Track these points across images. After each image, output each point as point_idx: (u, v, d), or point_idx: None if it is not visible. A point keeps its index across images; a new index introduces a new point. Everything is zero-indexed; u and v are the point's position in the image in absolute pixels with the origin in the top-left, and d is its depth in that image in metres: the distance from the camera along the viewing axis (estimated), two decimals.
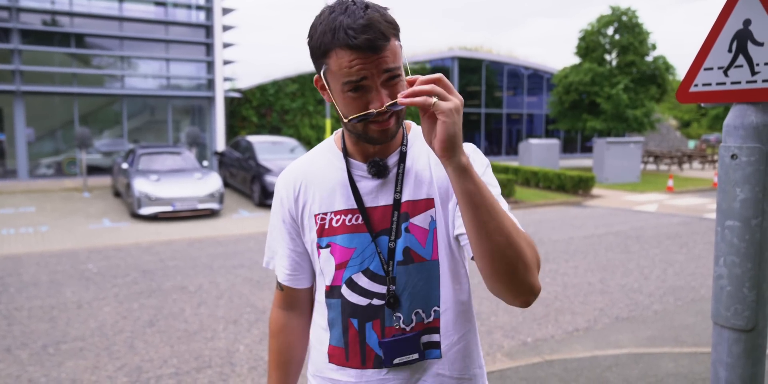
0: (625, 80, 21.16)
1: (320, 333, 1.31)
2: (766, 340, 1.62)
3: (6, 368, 3.94)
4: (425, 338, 1.23)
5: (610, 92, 20.93)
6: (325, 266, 1.26)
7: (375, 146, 1.22)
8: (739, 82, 1.56)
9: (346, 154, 1.26)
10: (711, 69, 1.63)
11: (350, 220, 1.23)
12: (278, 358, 1.40)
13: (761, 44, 1.51)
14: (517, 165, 17.59)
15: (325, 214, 1.25)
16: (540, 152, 18.98)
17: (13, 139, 15.81)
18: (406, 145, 1.25)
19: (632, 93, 21.42)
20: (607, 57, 22.66)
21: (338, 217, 1.24)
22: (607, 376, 3.64)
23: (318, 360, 1.31)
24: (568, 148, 30.08)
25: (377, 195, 1.23)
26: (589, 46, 22.51)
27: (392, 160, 1.24)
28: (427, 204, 1.22)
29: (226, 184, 14.41)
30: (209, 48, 17.66)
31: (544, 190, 14.92)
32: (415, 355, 1.22)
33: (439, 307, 1.23)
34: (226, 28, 18.06)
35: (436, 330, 1.23)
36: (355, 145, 1.24)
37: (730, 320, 1.61)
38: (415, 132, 1.30)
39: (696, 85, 1.67)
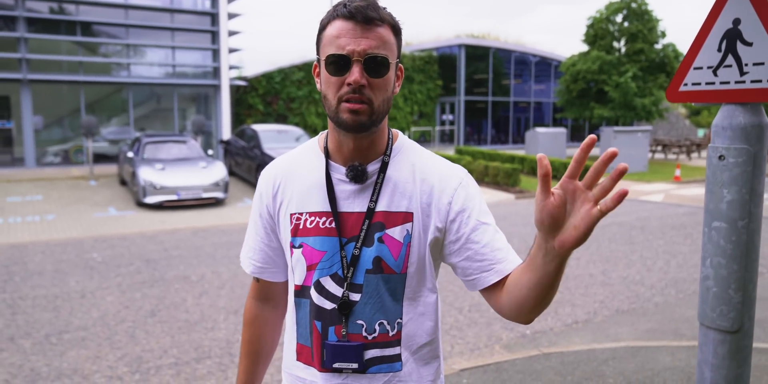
0: (633, 68, 20.95)
1: (290, 330, 1.32)
2: (751, 341, 1.62)
3: (9, 357, 4.00)
4: (389, 351, 1.23)
5: (618, 80, 20.73)
6: (297, 266, 1.26)
7: (356, 149, 1.21)
8: (728, 82, 1.54)
9: (327, 156, 1.26)
10: (701, 68, 1.61)
11: (324, 223, 1.23)
12: (248, 347, 1.42)
13: (750, 44, 1.49)
14: (524, 154, 17.51)
15: (301, 214, 1.25)
16: (547, 141, 18.88)
17: (21, 127, 15.89)
18: (389, 155, 1.24)
19: (641, 81, 21.20)
20: (616, 45, 22.41)
21: (313, 218, 1.24)
22: (603, 370, 3.65)
23: (288, 356, 1.33)
24: (575, 136, 29.90)
25: (353, 201, 1.22)
26: (598, 33, 22.27)
27: (373, 167, 1.23)
28: (405, 217, 1.21)
29: (231, 173, 14.44)
30: (215, 36, 17.61)
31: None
32: (355, 365, 1.22)
33: (401, 319, 1.23)
34: (231, 16, 17.97)
35: (398, 342, 1.24)
36: (337, 146, 1.24)
37: (716, 321, 1.60)
38: (401, 143, 1.29)
39: (686, 85, 1.65)
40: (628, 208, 10.65)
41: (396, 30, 1.16)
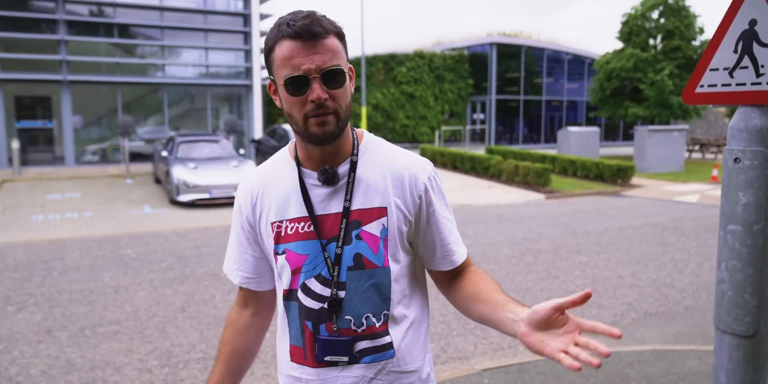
0: (670, 66, 20.48)
1: (282, 333, 1.37)
2: None
3: (46, 349, 4.16)
4: (378, 341, 1.28)
5: (654, 78, 20.30)
6: (282, 271, 1.32)
7: (324, 154, 1.27)
8: (744, 84, 1.52)
9: (299, 163, 1.31)
10: (717, 70, 1.59)
11: (303, 228, 1.28)
12: (220, 349, 1.47)
13: (766, 45, 1.47)
14: (555, 153, 17.31)
15: (281, 221, 1.30)
16: (579, 140, 18.61)
17: (61, 127, 16.41)
18: (357, 155, 1.29)
19: (677, 79, 20.72)
20: (651, 42, 21.94)
21: (292, 224, 1.29)
22: (628, 373, 3.61)
23: (282, 358, 1.38)
24: (609, 135, 29.41)
25: (328, 203, 1.27)
26: (632, 30, 21.83)
27: (343, 168, 1.28)
28: (380, 213, 1.26)
29: None
30: (247, 36, 17.87)
31: (581, 180, 14.67)
32: (345, 358, 1.27)
33: (388, 310, 1.28)
34: (263, 17, 18.22)
35: (386, 332, 1.29)
36: (306, 154, 1.29)
37: (731, 326, 1.59)
38: (367, 141, 1.34)
39: (702, 86, 1.64)
40: (661, 209, 10.44)
41: (340, 36, 1.21)
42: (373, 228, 1.25)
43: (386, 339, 1.29)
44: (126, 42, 16.84)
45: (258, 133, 17.87)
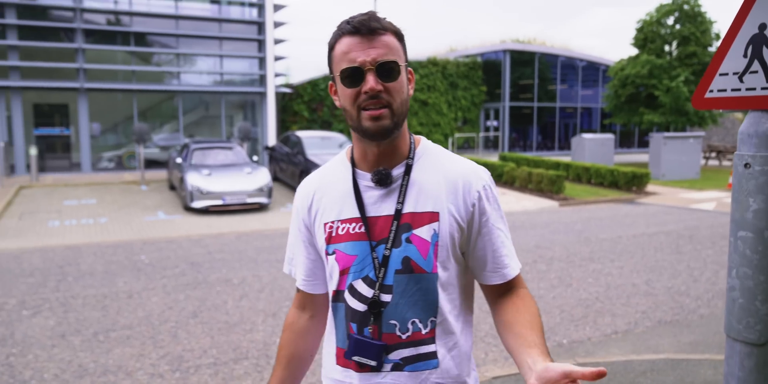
0: (685, 72, 20.30)
1: (330, 335, 1.37)
2: None
3: (60, 353, 4.20)
4: (423, 349, 1.26)
5: (669, 85, 20.12)
6: (332, 272, 1.32)
7: (380, 154, 1.26)
8: (754, 89, 1.51)
9: (354, 165, 1.32)
10: (726, 74, 1.58)
11: (354, 229, 1.28)
12: (279, 351, 1.47)
13: None
14: (569, 160, 17.20)
15: (333, 222, 1.31)
16: (594, 147, 18.49)
17: (78, 134, 16.62)
18: (413, 158, 1.29)
19: (693, 85, 20.52)
20: (667, 48, 21.77)
21: (344, 225, 1.29)
22: (641, 381, 3.56)
23: (328, 361, 1.37)
24: (624, 142, 29.18)
25: (380, 205, 1.27)
26: (648, 37, 21.68)
27: (397, 170, 1.28)
28: (431, 217, 1.25)
29: (275, 179, 14.71)
30: (261, 44, 18.02)
31: (596, 187, 14.56)
32: (373, 363, 1.25)
33: (436, 317, 1.26)
34: (277, 25, 18.36)
35: (432, 340, 1.27)
36: (362, 154, 1.30)
37: (742, 333, 1.56)
38: (424, 146, 1.34)
39: (711, 91, 1.62)
40: (677, 217, 10.33)
41: (399, 36, 1.23)
42: (424, 232, 1.24)
43: (431, 347, 1.27)
44: (142, 50, 17.05)
45: (271, 140, 17.97)
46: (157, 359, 4.09)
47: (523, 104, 26.15)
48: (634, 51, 22.41)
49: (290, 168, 13.54)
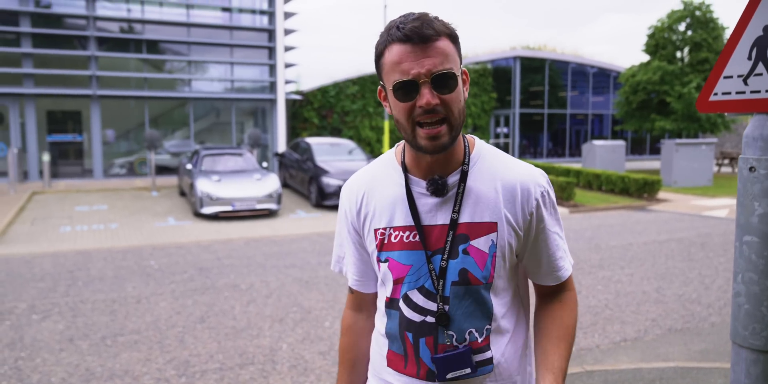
0: (697, 79, 20.17)
1: (379, 338, 1.36)
2: None
3: (67, 357, 4.21)
4: (478, 357, 1.25)
5: (681, 91, 20.00)
6: (385, 279, 1.30)
7: (434, 162, 1.22)
8: (759, 91, 1.49)
9: (405, 170, 1.27)
10: (731, 77, 1.56)
11: (408, 237, 1.24)
12: (343, 355, 1.45)
13: None
14: (580, 167, 17.11)
15: (385, 229, 1.27)
16: (604, 154, 18.38)
17: (91, 141, 16.78)
18: (468, 164, 1.24)
19: None
20: (678, 54, 21.66)
21: (397, 233, 1.26)
22: None
23: (377, 362, 1.36)
24: (635, 149, 29.01)
25: (435, 213, 1.23)
26: (659, 43, 21.58)
27: (453, 178, 1.23)
28: (490, 228, 1.22)
29: (285, 185, 14.76)
30: (272, 51, 18.14)
31: (606, 194, 14.46)
32: (468, 370, 1.23)
33: (490, 325, 1.25)
34: (287, 32, 18.48)
35: (487, 347, 1.25)
36: (415, 160, 1.25)
37: (748, 340, 1.54)
38: (478, 150, 1.28)
39: (716, 94, 1.61)
40: (689, 224, 10.23)
41: (453, 37, 1.15)
42: (482, 243, 1.21)
43: (487, 354, 1.25)
44: (154, 58, 17.22)
45: (281, 146, 18.05)
46: (164, 364, 4.09)
47: (533, 111, 26.10)
48: (646, 57, 22.32)
49: (300, 174, 13.57)
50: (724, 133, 28.86)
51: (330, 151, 13.46)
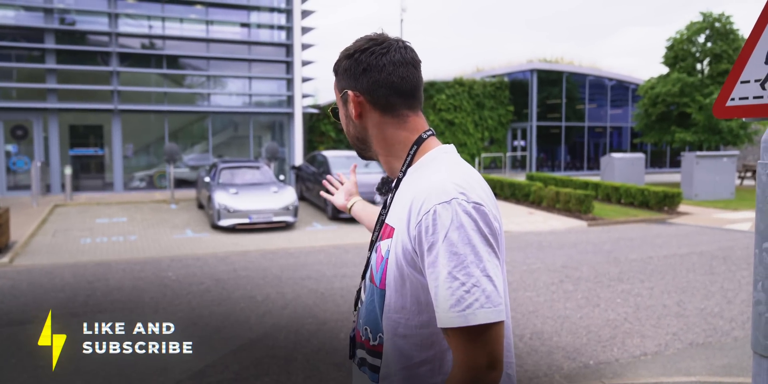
0: (718, 90, 19.95)
1: None
2: None
3: (84, 367, 4.24)
4: (369, 359, 1.27)
5: (703, 102, 19.77)
6: None
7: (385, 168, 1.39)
8: None
9: None
10: (748, 82, 1.55)
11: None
12: None
13: None
14: (598, 180, 16.96)
15: None
16: (623, 167, 18.21)
17: (112, 154, 17.05)
18: (404, 173, 1.29)
19: None
20: (698, 66, 21.48)
21: None
22: None
23: None
24: (655, 162, 28.70)
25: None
26: (678, 55, 21.43)
27: (394, 182, 1.34)
28: (390, 232, 1.23)
29: (302, 198, 14.82)
30: (289, 66, 18.34)
31: (626, 207, 14.30)
32: (358, 362, 1.33)
33: (383, 334, 1.22)
34: (305, 47, 18.69)
35: (378, 354, 1.24)
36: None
37: None
38: (423, 161, 1.26)
39: (733, 99, 1.59)
40: (710, 238, 10.06)
41: (335, 71, 1.36)
42: (383, 246, 1.24)
43: (377, 362, 1.24)
44: (174, 72, 17.51)
45: (299, 159, 18.16)
46: (179, 373, 4.10)
47: (550, 124, 25.99)
48: (665, 69, 22.16)
49: (316, 187, 13.62)
50: (747, 146, 28.44)
51: (346, 164, 13.49)
